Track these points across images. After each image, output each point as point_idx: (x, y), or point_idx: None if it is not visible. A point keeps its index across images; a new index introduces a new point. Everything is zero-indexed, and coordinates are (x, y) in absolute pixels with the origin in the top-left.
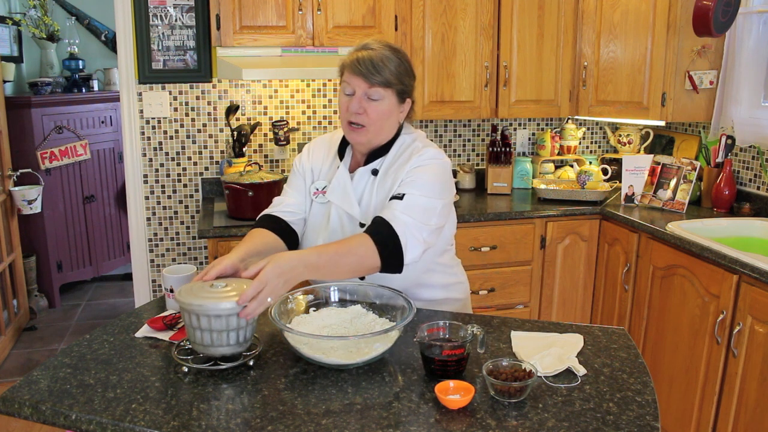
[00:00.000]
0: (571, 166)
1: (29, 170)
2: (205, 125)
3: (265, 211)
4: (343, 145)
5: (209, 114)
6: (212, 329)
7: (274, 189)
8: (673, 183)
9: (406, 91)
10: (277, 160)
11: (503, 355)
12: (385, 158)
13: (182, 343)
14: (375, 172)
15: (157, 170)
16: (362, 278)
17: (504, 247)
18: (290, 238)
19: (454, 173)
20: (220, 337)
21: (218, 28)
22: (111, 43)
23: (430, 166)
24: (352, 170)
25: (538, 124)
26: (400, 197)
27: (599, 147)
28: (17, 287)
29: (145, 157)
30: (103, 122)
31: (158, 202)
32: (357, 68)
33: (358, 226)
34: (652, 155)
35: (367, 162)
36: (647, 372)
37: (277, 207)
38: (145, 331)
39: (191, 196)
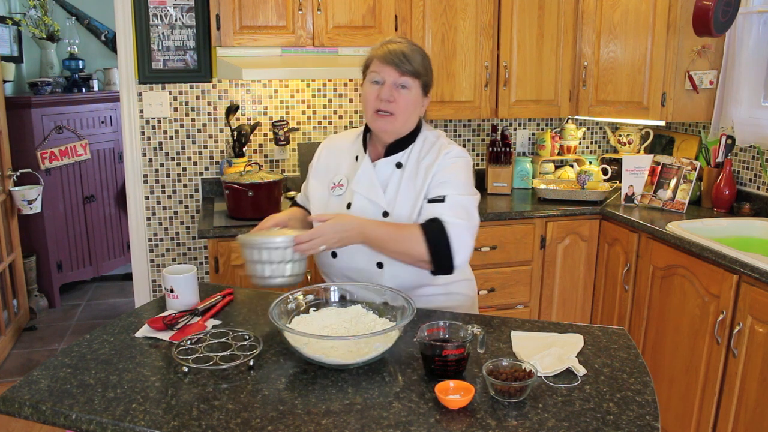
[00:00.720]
0: (571, 166)
1: (29, 170)
2: (205, 125)
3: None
4: (364, 138)
5: (209, 114)
6: (271, 261)
7: (274, 189)
8: (673, 183)
9: (429, 84)
10: (277, 160)
11: (503, 355)
12: (410, 152)
13: (182, 343)
14: (399, 165)
15: (157, 170)
16: (380, 267)
17: (504, 247)
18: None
19: None
20: (278, 268)
21: (218, 28)
22: (111, 43)
23: (458, 164)
24: (372, 161)
25: (538, 124)
26: (441, 199)
27: (599, 147)
28: (17, 287)
29: (145, 157)
30: (103, 122)
31: (158, 202)
32: (389, 58)
33: (381, 216)
34: (652, 155)
35: (387, 154)
36: (647, 372)
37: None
38: (145, 331)
39: (191, 196)
